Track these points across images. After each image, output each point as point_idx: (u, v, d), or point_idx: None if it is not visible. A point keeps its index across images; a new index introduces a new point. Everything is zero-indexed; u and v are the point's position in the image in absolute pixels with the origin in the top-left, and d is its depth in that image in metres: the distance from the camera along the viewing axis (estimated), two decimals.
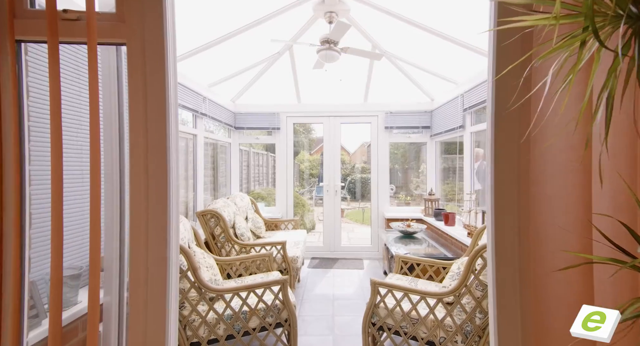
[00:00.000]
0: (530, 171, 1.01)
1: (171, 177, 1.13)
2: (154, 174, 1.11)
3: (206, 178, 4.92)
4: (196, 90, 3.25)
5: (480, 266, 1.72)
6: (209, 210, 2.98)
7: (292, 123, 4.61)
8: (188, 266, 1.82)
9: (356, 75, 4.13)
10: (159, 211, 1.11)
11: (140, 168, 1.11)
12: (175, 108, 1.22)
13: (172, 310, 1.18)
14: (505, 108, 1.05)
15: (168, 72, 1.12)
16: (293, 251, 3.14)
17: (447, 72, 3.58)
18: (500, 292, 1.07)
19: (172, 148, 1.14)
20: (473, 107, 3.11)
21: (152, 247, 1.11)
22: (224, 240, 2.99)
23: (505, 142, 1.07)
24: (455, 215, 3.55)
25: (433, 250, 3.11)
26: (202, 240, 2.44)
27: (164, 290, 1.12)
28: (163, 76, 1.11)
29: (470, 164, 3.35)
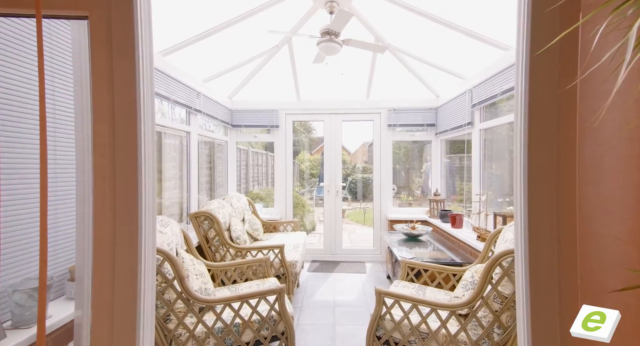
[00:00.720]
0: (579, 169, 0.83)
1: (143, 178, 0.96)
2: (122, 174, 0.94)
3: (203, 178, 4.75)
4: (189, 84, 3.08)
5: (499, 276, 1.54)
6: (202, 211, 2.80)
7: (292, 121, 4.43)
8: (174, 274, 1.65)
9: (358, 70, 3.96)
10: (127, 216, 0.94)
11: (103, 168, 0.93)
12: (150, 98, 1.04)
13: (144, 329, 1.00)
14: (542, 94, 0.87)
15: (139, 52, 0.94)
16: (292, 255, 2.97)
17: (454, 66, 3.40)
18: (536, 315, 0.89)
19: (144, 145, 0.97)
20: (483, 102, 2.93)
21: (120, 259, 0.94)
22: (219, 244, 2.82)
23: (541, 135, 0.89)
24: (463, 216, 3.37)
25: (440, 254, 2.94)
26: (192, 245, 2.27)
27: (134, 308, 0.94)
28: (133, 57, 0.93)
29: (479, 163, 3.17)
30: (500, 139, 3.18)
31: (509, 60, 2.51)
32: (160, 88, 2.56)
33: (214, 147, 4.84)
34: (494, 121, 2.93)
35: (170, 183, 3.50)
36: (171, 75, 2.72)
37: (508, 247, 1.59)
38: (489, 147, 3.24)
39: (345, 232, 5.90)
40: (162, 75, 2.59)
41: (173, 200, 3.51)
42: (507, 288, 1.51)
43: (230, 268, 2.35)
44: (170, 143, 3.45)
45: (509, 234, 1.70)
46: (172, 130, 3.33)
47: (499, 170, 3.40)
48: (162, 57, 2.64)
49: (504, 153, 3.38)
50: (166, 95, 2.65)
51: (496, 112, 3.14)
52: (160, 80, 2.56)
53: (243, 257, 2.80)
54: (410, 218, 4.14)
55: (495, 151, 3.34)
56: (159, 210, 3.34)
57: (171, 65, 2.79)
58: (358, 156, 14.15)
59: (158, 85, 2.53)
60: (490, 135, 3.23)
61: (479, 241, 2.75)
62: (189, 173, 3.27)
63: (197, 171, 3.39)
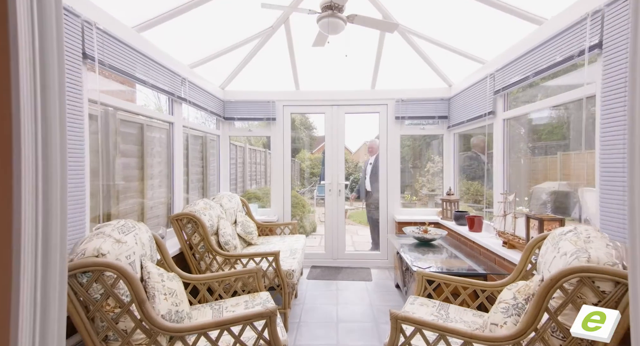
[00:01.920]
0: None
1: (23, 177, 0.57)
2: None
3: (194, 176, 4.38)
4: (172, 68, 2.70)
5: (561, 303, 1.15)
6: (184, 213, 2.43)
7: (290, 113, 4.05)
8: (132, 297, 1.27)
9: (363, 58, 3.58)
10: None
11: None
12: (58, 60, 0.65)
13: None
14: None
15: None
16: (288, 263, 2.59)
17: (472, 49, 3.01)
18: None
19: (24, 131, 0.58)
20: (508, 87, 2.55)
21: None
22: (204, 251, 2.44)
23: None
24: (483, 219, 2.98)
25: (457, 261, 2.55)
26: (168, 254, 1.89)
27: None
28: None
29: (502, 158, 2.78)
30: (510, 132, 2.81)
31: (544, 34, 2.12)
32: (134, 68, 2.18)
33: (207, 142, 4.47)
34: (520, 109, 2.53)
35: (156, 181, 3.13)
36: (148, 55, 2.35)
37: (569, 262, 1.21)
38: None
39: (348, 233, 5.50)
40: (137, 53, 2.21)
41: (159, 200, 3.14)
42: (572, 319, 1.13)
43: (212, 282, 1.97)
44: (155, 136, 3.08)
45: (567, 245, 1.31)
46: (159, 123, 2.96)
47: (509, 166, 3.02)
48: (136, 33, 2.26)
49: (516, 147, 2.99)
50: (143, 78, 2.27)
51: (517, 99, 2.76)
52: (134, 58, 2.18)
53: (232, 266, 2.43)
54: (420, 220, 3.76)
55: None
56: (140, 211, 2.98)
57: (150, 44, 2.41)
58: (360, 155, 13.78)
59: (130, 63, 2.15)
60: (509, 130, 2.84)
61: (506, 248, 2.37)
62: (172, 169, 2.90)
63: (182, 167, 3.02)
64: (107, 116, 2.57)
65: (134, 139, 2.94)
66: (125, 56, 2.09)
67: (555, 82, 3.12)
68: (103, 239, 1.34)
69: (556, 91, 2.51)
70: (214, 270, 2.44)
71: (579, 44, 1.81)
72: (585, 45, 1.75)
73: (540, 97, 2.69)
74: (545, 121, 3.25)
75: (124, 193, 2.83)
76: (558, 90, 2.72)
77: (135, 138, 2.95)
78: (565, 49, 1.92)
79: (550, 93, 2.48)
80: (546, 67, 2.09)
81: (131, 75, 2.15)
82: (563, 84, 3.03)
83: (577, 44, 1.83)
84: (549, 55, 2.08)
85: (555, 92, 2.45)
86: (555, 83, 3.07)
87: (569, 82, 2.96)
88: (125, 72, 2.07)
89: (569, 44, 1.89)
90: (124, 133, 2.81)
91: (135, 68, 2.19)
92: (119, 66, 2.02)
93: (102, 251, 1.28)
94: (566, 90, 2.26)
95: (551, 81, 2.99)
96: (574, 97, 1.97)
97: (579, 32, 1.82)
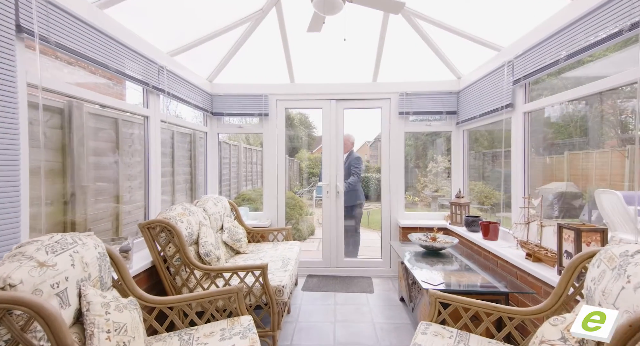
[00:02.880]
0: None
1: None
2: None
3: (180, 177, 4.06)
4: (147, 54, 2.37)
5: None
6: (157, 220, 2.09)
7: (284, 108, 3.71)
8: (52, 344, 0.94)
9: (363, 47, 3.24)
10: None
11: None
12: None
13: None
14: None
15: None
16: (279, 276, 2.26)
17: (486, 34, 2.68)
18: None
19: None
20: (531, 75, 2.21)
21: None
22: (180, 264, 2.11)
23: None
24: (499, 226, 2.65)
25: (473, 276, 2.22)
26: (127, 274, 1.55)
27: None
28: None
29: (522, 157, 2.44)
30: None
31: (579, 9, 1.79)
32: (93, 49, 1.85)
33: (196, 140, 4.14)
34: (556, 97, 2.18)
35: (135, 182, 2.80)
36: (114, 36, 2.01)
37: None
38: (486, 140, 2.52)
39: None
40: (97, 33, 1.88)
41: (139, 203, 2.81)
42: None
43: (184, 305, 1.63)
44: (134, 133, 2.75)
45: (636, 270, 0.98)
46: (139, 118, 2.64)
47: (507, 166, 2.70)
48: (98, 9, 1.93)
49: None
50: (104, 61, 1.94)
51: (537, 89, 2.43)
52: (92, 38, 1.84)
53: (213, 281, 2.09)
54: (426, 225, 3.42)
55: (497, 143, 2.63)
56: (114, 217, 2.66)
57: (117, 23, 2.07)
58: (362, 153, 13.40)
59: (87, 44, 1.82)
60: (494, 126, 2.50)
61: (531, 261, 2.03)
62: (147, 169, 2.56)
63: (160, 167, 2.68)
64: (71, 108, 2.24)
65: (108, 136, 2.61)
66: (80, 34, 1.75)
67: (573, 74, 2.79)
68: (18, 263, 1.01)
69: (574, 84, 2.19)
70: (192, 286, 2.11)
71: (630, 16, 1.48)
72: None
73: (550, 91, 2.37)
74: (554, 119, 2.95)
75: (95, 196, 2.50)
76: (576, 82, 2.40)
77: (109, 134, 2.62)
78: (610, 24, 1.59)
79: (568, 86, 2.16)
80: (584, 48, 1.75)
81: (88, 58, 1.82)
82: (582, 76, 2.71)
83: (627, 16, 1.49)
84: (587, 32, 1.74)
85: (573, 84, 2.12)
86: (572, 74, 2.75)
87: (589, 73, 2.64)
88: (78, 53, 1.74)
89: (615, 16, 1.56)
90: (94, 128, 2.48)
91: (94, 49, 1.85)
92: (71, 46, 1.68)
93: (12, 280, 0.94)
94: (585, 82, 1.95)
95: (569, 72, 2.67)
96: (621, 81, 1.63)
97: (627, 1, 1.49)
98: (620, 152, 4.55)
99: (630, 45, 1.77)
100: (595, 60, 2.44)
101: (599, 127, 3.45)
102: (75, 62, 2.46)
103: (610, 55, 2.24)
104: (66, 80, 2.37)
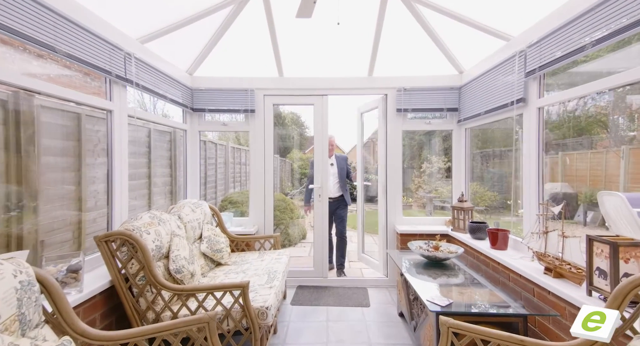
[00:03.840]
0: None
1: None
2: None
3: (159, 179, 3.73)
4: (109, 38, 2.04)
5: None
6: (117, 232, 1.77)
7: (272, 104, 3.41)
8: None
9: (359, 38, 2.97)
10: None
11: None
12: None
13: None
14: None
15: None
16: (263, 295, 1.96)
17: (493, 22, 2.43)
18: None
19: None
20: (549, 65, 1.95)
21: None
22: (144, 283, 1.79)
23: None
24: (509, 234, 2.39)
25: (483, 292, 1.96)
26: (64, 303, 1.23)
27: None
28: None
29: (537, 156, 2.19)
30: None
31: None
32: (29, 24, 1.53)
33: (177, 138, 3.81)
34: (578, 89, 1.92)
35: (101, 186, 2.47)
36: (65, 14, 1.69)
37: None
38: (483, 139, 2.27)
39: None
40: (41, 7, 1.55)
41: (105, 210, 2.47)
42: None
43: (140, 340, 1.31)
44: (100, 130, 2.43)
45: None
46: (104, 114, 2.31)
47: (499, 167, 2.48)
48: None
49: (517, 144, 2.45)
50: (50, 43, 1.61)
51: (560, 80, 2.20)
52: (34, 13, 1.52)
53: (184, 303, 1.78)
54: (426, 231, 3.16)
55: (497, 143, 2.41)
56: (75, 226, 2.34)
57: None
58: (352, 156, 13.18)
59: (21, 17, 1.49)
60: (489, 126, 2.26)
61: (551, 277, 1.77)
62: (111, 170, 2.23)
63: (126, 168, 2.35)
64: (17, 100, 1.91)
65: (68, 133, 2.28)
66: (17, 7, 1.43)
67: (584, 68, 2.59)
68: None
69: (584, 79, 1.97)
70: (158, 310, 1.79)
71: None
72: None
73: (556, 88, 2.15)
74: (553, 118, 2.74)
75: (50, 202, 2.16)
76: (587, 77, 2.21)
77: (70, 131, 2.29)
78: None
79: (576, 83, 1.93)
80: (619, 29, 1.49)
81: (29, 38, 1.49)
82: (593, 71, 2.50)
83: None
84: (622, 12, 1.49)
85: (583, 80, 1.89)
86: (584, 69, 2.55)
87: (600, 68, 2.44)
88: (14, 31, 1.41)
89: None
90: (50, 124, 2.15)
91: (37, 27, 1.53)
92: (5, 22, 1.36)
93: None
94: (596, 77, 1.73)
95: (579, 67, 2.47)
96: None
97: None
98: (615, 153, 4.36)
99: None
100: (617, 51, 2.23)
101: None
102: (20, 45, 2.12)
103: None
104: (11, 68, 2.04)
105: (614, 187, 3.93)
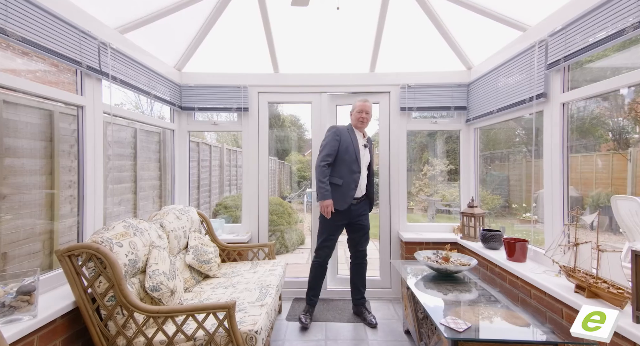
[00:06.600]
0: None
1: None
2: None
3: (146, 183, 3.49)
4: (80, 26, 1.81)
5: None
6: (81, 245, 1.53)
7: (267, 102, 3.18)
8: None
9: (360, 31, 2.74)
10: None
11: None
12: None
13: None
14: None
15: None
16: (252, 316, 1.71)
17: (507, 10, 2.21)
18: None
19: None
20: (577, 54, 1.73)
21: None
22: (113, 304, 1.54)
23: None
24: (528, 244, 2.16)
25: (500, 310, 1.72)
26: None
27: None
28: None
29: (560, 159, 1.96)
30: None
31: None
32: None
33: (166, 139, 3.57)
34: (591, 87, 1.70)
35: (73, 192, 2.23)
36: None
37: None
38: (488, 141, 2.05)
39: (341, 247, 4.63)
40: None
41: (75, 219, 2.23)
42: None
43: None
44: (75, 129, 2.19)
45: None
46: (71, 110, 2.07)
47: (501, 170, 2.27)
48: None
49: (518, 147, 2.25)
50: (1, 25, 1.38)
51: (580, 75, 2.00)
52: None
53: (160, 327, 1.53)
54: (432, 239, 2.92)
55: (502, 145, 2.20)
56: (46, 236, 2.11)
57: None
58: None
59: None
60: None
61: (583, 296, 1.53)
62: (82, 173, 1.99)
63: (100, 171, 2.11)
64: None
65: (38, 132, 2.05)
66: None
67: (599, 64, 2.40)
68: None
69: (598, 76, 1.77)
70: (130, 335, 1.55)
71: None
72: None
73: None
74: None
75: (16, 209, 1.93)
76: (601, 73, 2.03)
77: (40, 130, 2.06)
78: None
79: (597, 78, 1.73)
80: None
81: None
82: (608, 66, 2.31)
83: None
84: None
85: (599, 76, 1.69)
86: (598, 65, 2.38)
87: (613, 64, 2.28)
88: None
89: None
90: (16, 122, 1.92)
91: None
92: None
93: None
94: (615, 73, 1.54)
95: (593, 63, 2.30)
96: None
97: None
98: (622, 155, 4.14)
99: None
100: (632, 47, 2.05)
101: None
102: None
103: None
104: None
105: (622, 191, 3.72)
